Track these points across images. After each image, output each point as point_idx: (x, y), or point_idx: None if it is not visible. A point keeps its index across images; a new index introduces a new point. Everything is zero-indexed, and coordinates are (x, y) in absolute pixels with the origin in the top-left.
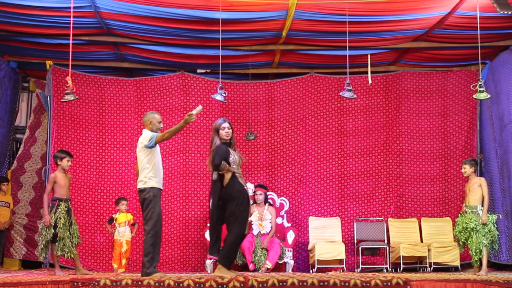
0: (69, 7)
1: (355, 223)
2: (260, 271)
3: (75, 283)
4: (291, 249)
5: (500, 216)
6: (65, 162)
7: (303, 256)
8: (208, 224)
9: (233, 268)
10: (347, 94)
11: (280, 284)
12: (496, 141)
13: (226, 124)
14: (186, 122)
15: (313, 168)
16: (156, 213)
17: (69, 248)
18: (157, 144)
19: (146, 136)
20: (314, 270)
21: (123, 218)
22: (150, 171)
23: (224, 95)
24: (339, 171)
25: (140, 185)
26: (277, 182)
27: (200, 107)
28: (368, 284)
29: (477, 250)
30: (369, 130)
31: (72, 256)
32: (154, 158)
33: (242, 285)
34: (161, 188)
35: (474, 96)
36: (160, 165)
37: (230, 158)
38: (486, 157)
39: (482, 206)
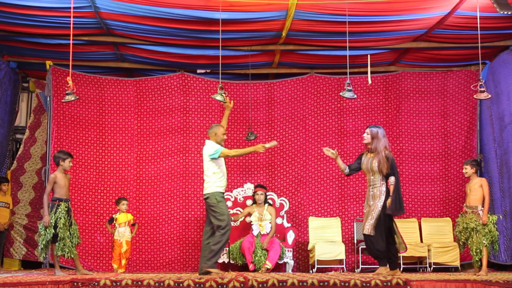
0: (69, 7)
1: (355, 223)
2: (260, 271)
3: (75, 283)
4: (291, 249)
5: (501, 216)
6: (67, 163)
7: (303, 256)
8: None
9: (233, 268)
10: (347, 94)
11: (280, 284)
12: (495, 142)
13: (366, 130)
14: (254, 150)
15: (313, 168)
16: (225, 214)
17: (69, 248)
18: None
19: (212, 147)
20: (314, 270)
21: (123, 218)
22: (211, 178)
23: (224, 95)
24: (339, 171)
25: (203, 191)
26: (277, 182)
27: (274, 143)
28: (368, 284)
29: (477, 251)
30: None
31: (72, 256)
32: (216, 166)
33: (242, 285)
34: (223, 191)
35: (474, 96)
36: (223, 171)
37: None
38: (486, 157)
39: (483, 206)
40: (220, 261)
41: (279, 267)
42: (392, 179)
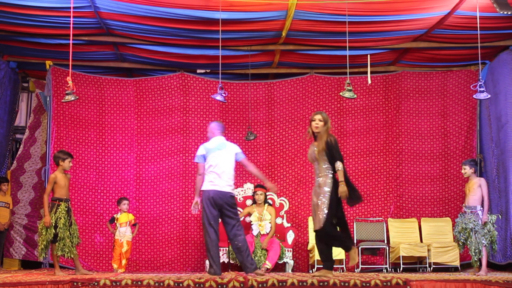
0: (69, 7)
1: (355, 223)
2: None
3: (75, 283)
4: (291, 249)
5: (500, 216)
6: (67, 163)
7: (303, 256)
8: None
9: (233, 268)
10: (347, 94)
11: (280, 284)
12: (493, 141)
13: (317, 116)
14: (266, 184)
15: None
16: None
17: (69, 248)
18: None
19: (238, 148)
20: (314, 270)
21: (124, 218)
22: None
23: (224, 95)
24: None
25: (230, 190)
26: (277, 182)
27: (275, 190)
28: (368, 284)
29: (476, 251)
30: (369, 130)
31: (72, 256)
32: None
33: (242, 285)
34: None
35: (474, 96)
36: None
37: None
38: (484, 158)
39: (482, 206)
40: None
41: (279, 267)
42: (338, 165)
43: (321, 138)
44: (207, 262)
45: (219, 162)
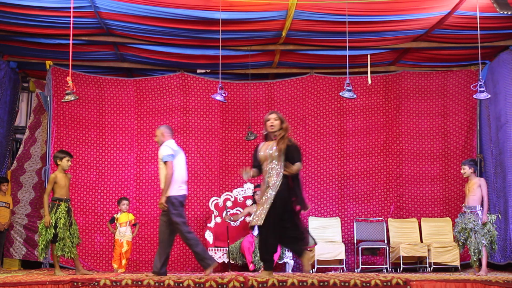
0: (69, 7)
1: (355, 223)
2: (260, 271)
3: (75, 283)
4: None
5: (500, 216)
6: (65, 162)
7: None
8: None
9: (233, 268)
10: (347, 94)
11: (280, 284)
12: (492, 141)
13: (271, 115)
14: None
15: (313, 168)
16: None
17: (69, 248)
18: None
19: None
20: (314, 270)
21: (124, 218)
22: None
23: (224, 95)
24: (339, 171)
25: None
26: None
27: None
28: (368, 284)
29: (476, 251)
30: (369, 130)
31: (72, 256)
32: None
33: (242, 285)
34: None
35: (474, 96)
36: None
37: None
38: (484, 157)
39: (481, 206)
40: (220, 261)
41: (279, 267)
42: (298, 165)
43: (282, 138)
44: None
45: (182, 165)
